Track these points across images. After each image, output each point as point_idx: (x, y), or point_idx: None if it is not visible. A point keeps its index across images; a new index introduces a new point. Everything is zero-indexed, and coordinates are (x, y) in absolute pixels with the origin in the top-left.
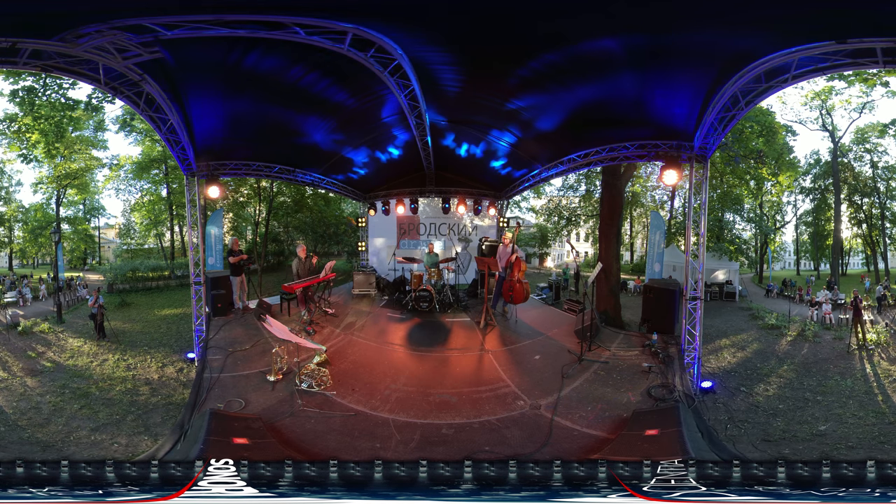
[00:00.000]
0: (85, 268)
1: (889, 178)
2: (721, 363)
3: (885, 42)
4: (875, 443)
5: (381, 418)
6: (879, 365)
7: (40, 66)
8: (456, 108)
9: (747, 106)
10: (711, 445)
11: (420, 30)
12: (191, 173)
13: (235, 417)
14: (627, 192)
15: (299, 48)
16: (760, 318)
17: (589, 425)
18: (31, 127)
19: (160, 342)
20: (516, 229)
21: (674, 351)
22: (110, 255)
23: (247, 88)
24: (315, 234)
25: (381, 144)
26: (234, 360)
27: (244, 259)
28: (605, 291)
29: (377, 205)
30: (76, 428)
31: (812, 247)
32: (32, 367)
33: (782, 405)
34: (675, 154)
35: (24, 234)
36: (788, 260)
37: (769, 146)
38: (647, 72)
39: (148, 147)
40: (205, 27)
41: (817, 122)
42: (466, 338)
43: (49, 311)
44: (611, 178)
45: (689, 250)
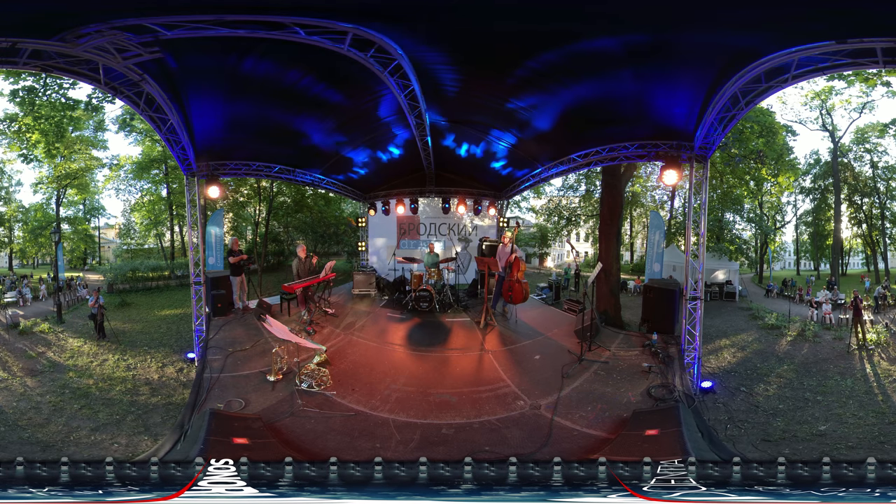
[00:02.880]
0: (85, 268)
1: (889, 178)
2: (721, 363)
3: (885, 42)
4: (875, 443)
5: (381, 418)
6: (879, 365)
7: (40, 66)
8: (456, 107)
9: (747, 106)
10: (711, 445)
11: (419, 30)
12: (191, 173)
13: (235, 417)
14: (627, 192)
15: (299, 48)
16: (760, 318)
17: (589, 425)
18: (32, 127)
19: (160, 342)
20: (516, 229)
21: (674, 351)
22: (110, 255)
23: (247, 88)
24: (315, 234)
25: (382, 144)
26: (234, 360)
27: (244, 259)
28: (605, 291)
29: (377, 205)
30: (76, 428)
31: (812, 247)
32: (32, 367)
33: (782, 405)
34: (675, 154)
35: (24, 234)
36: (788, 260)
37: (769, 146)
38: (647, 71)
39: (148, 147)
40: (205, 27)
41: (817, 122)
42: (466, 338)
43: (49, 311)
44: (611, 178)
45: (689, 250)
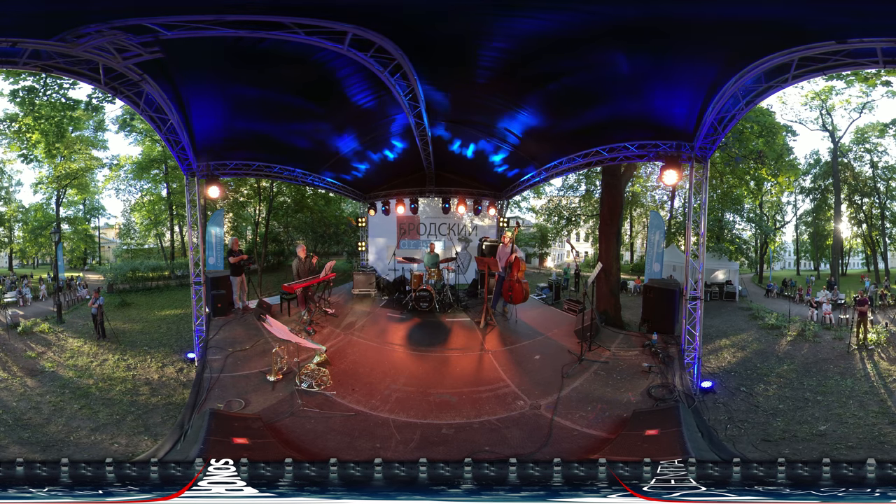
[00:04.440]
0: (85, 268)
1: (889, 178)
2: (721, 363)
3: (885, 42)
4: (875, 443)
5: (381, 418)
6: (879, 365)
7: (40, 66)
8: (456, 107)
9: (747, 106)
10: (711, 445)
11: (419, 30)
12: (191, 173)
13: (235, 417)
14: (627, 192)
15: (300, 48)
16: (760, 318)
17: (589, 425)
18: (32, 127)
19: (160, 342)
20: (516, 229)
21: (674, 351)
22: (110, 255)
23: (247, 88)
24: (315, 234)
25: (381, 144)
26: (234, 360)
27: (244, 259)
28: (605, 291)
29: (377, 205)
30: (76, 428)
31: (812, 247)
32: (32, 367)
33: (782, 405)
34: (675, 154)
35: (24, 234)
36: (788, 260)
37: (769, 146)
38: (648, 72)
39: (148, 147)
40: (205, 27)
41: (817, 122)
42: (466, 338)
43: (49, 311)
44: (611, 178)
45: (689, 250)
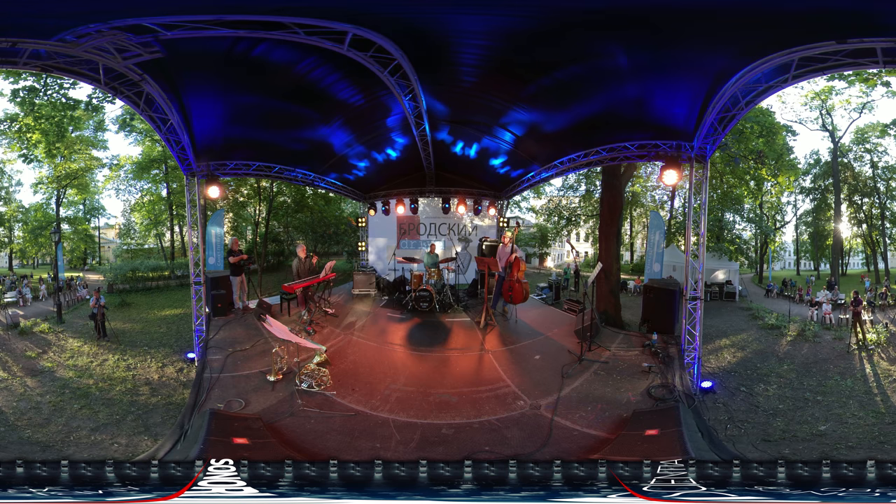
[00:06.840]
0: (85, 268)
1: (889, 178)
2: (721, 363)
3: (885, 42)
4: (875, 443)
5: (381, 418)
6: (879, 365)
7: (40, 66)
8: (456, 107)
9: (747, 106)
10: (711, 445)
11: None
12: (191, 173)
13: (235, 417)
14: (627, 192)
15: (300, 48)
16: (760, 318)
17: (589, 425)
18: (32, 127)
19: (160, 342)
20: (516, 229)
21: (674, 351)
22: (110, 255)
23: (247, 88)
24: (315, 234)
25: (381, 144)
26: (234, 360)
27: (244, 259)
28: (605, 291)
29: (377, 205)
30: (76, 428)
31: (812, 247)
32: (32, 367)
33: (782, 405)
34: (675, 154)
35: (24, 234)
36: (788, 260)
37: (769, 146)
38: (648, 72)
39: (148, 147)
40: (205, 27)
41: (817, 122)
42: (466, 338)
43: (49, 311)
44: (611, 178)
45: (689, 250)
